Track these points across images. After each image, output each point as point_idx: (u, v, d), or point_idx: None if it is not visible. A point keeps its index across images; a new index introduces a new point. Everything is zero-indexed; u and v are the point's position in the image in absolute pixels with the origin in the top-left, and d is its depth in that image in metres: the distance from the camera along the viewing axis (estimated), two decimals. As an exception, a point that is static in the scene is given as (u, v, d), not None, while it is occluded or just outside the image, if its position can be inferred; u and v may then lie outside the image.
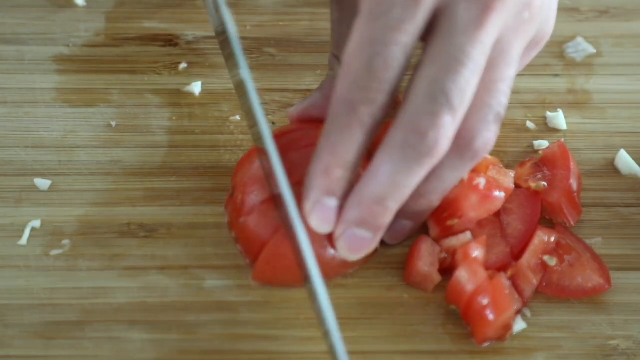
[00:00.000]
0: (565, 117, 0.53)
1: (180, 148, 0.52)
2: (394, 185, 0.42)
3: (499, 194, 0.47)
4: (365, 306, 0.47)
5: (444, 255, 0.47)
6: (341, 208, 0.43)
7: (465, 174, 0.46)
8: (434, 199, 0.46)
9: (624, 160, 0.52)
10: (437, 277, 0.46)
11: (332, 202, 0.43)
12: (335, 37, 0.49)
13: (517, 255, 0.47)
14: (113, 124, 0.53)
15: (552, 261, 0.47)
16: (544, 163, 0.50)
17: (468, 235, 0.47)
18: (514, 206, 0.48)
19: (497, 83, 0.44)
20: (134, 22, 0.58)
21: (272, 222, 0.46)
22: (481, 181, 0.47)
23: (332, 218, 0.43)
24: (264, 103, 0.54)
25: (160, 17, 0.58)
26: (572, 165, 0.49)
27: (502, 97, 0.44)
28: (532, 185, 0.48)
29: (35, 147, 0.52)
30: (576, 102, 0.54)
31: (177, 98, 0.55)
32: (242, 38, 0.55)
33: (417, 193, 0.44)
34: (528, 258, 0.47)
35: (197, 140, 0.53)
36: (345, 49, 0.43)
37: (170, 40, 0.57)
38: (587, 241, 0.49)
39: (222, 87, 0.55)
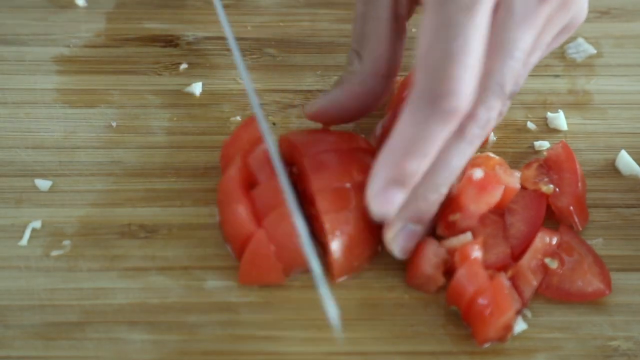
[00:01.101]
0: (566, 118, 0.53)
1: (181, 149, 0.52)
2: (453, 170, 0.44)
3: (497, 187, 0.47)
4: (366, 307, 0.47)
5: (446, 256, 0.47)
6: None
7: (468, 156, 0.46)
8: (444, 190, 0.46)
9: (625, 160, 0.52)
10: (440, 279, 0.46)
11: (400, 193, 0.43)
12: (357, 32, 0.48)
13: (518, 256, 0.47)
14: (114, 124, 0.53)
15: (553, 264, 0.47)
16: (549, 165, 0.50)
17: (468, 235, 0.47)
18: (519, 207, 0.48)
19: (524, 69, 0.45)
20: (134, 22, 0.58)
21: (255, 215, 0.46)
22: (477, 172, 0.46)
23: (395, 208, 0.44)
24: (264, 104, 0.54)
25: (161, 17, 0.58)
26: (578, 168, 0.49)
27: (521, 82, 0.46)
28: (543, 188, 0.48)
29: (36, 147, 0.52)
30: (577, 103, 0.55)
31: (178, 99, 0.55)
32: (243, 39, 0.57)
33: (428, 188, 0.45)
34: (528, 259, 0.47)
35: (197, 141, 0.53)
36: (418, 40, 0.42)
37: (170, 41, 0.57)
38: (589, 242, 0.49)
39: (222, 87, 0.55)
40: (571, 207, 0.48)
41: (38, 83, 0.55)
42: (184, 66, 0.56)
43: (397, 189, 0.43)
